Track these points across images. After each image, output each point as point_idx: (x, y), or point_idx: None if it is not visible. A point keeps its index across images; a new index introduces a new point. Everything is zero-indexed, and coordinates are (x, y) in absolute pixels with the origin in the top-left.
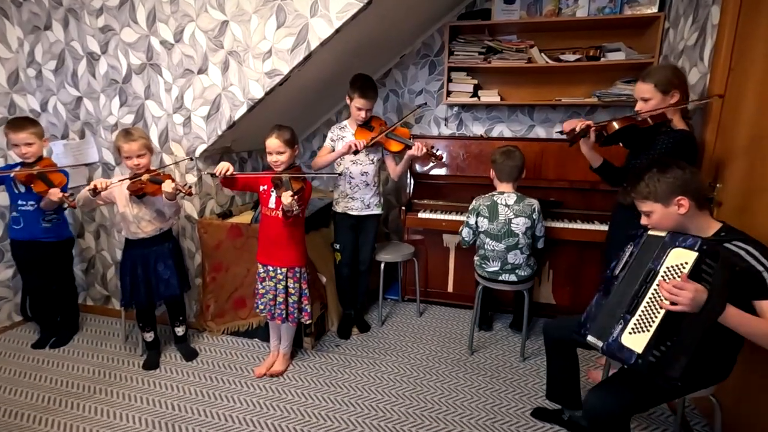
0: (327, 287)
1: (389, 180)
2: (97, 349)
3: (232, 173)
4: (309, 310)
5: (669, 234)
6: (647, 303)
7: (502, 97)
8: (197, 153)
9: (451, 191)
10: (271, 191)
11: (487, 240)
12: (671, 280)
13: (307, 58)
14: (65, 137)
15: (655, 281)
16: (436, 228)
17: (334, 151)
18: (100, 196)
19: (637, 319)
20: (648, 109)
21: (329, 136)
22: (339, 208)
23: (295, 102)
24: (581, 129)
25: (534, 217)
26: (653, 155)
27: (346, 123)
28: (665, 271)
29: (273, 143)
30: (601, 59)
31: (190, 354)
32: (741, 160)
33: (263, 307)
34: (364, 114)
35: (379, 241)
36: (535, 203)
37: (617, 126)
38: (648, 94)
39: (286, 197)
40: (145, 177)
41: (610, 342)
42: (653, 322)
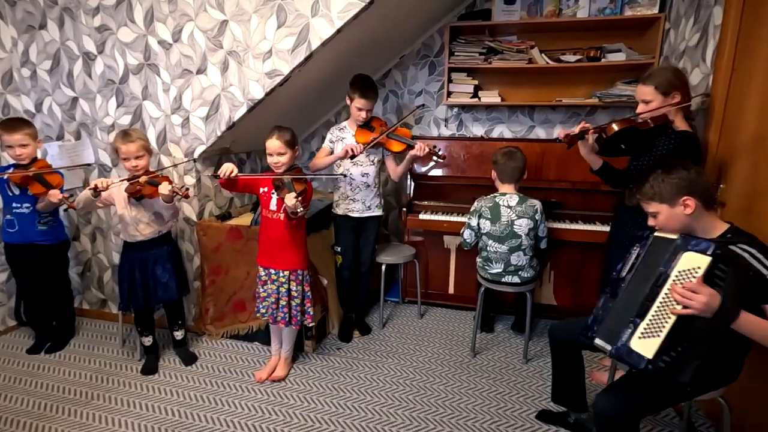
0: (328, 289)
1: (388, 181)
2: (94, 354)
3: (236, 175)
4: (312, 312)
5: (680, 237)
6: (658, 307)
7: (502, 98)
8: (196, 154)
9: (452, 192)
10: (272, 193)
11: (490, 242)
12: (685, 283)
13: (308, 58)
14: (60, 138)
15: (666, 285)
16: (437, 229)
17: (332, 153)
18: (100, 197)
19: (648, 324)
20: (648, 111)
21: (328, 137)
22: (340, 210)
23: (295, 103)
24: (579, 131)
25: (536, 218)
26: (655, 157)
27: (345, 124)
28: (677, 275)
29: (273, 144)
30: (602, 60)
31: (189, 358)
32: (745, 160)
33: (265, 311)
34: (364, 114)
35: (379, 243)
36: (538, 204)
37: (617, 128)
38: (649, 96)
39: (290, 199)
40: (143, 179)
41: (619, 346)
42: (664, 327)
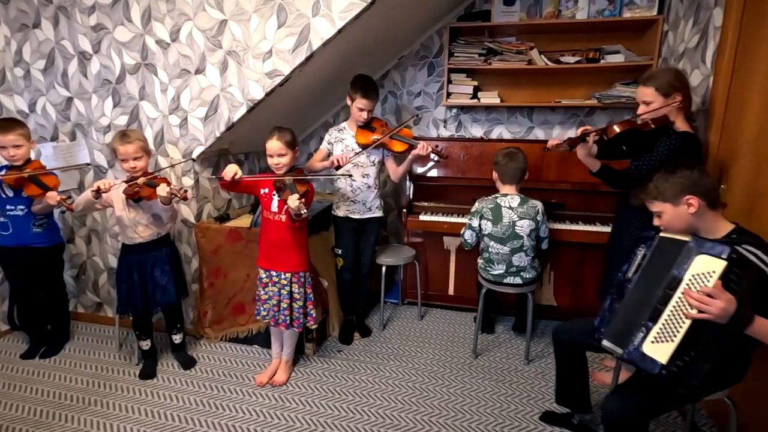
0: (328, 291)
1: (387, 182)
2: (90, 359)
3: (240, 177)
4: (314, 315)
5: (693, 239)
6: (671, 311)
7: (501, 99)
8: (194, 155)
9: (451, 193)
10: (273, 194)
11: (492, 243)
12: (701, 287)
13: (309, 58)
14: (54, 139)
15: (679, 289)
16: (437, 230)
17: (329, 155)
18: (101, 198)
19: (661, 328)
20: (649, 113)
21: (326, 138)
22: (340, 212)
23: (294, 104)
24: (580, 133)
25: (538, 219)
26: (656, 157)
27: (344, 125)
28: (690, 279)
29: (274, 145)
30: (601, 61)
31: (188, 362)
32: (746, 161)
33: (266, 313)
34: (366, 115)
35: (378, 244)
36: (539, 205)
37: (618, 129)
38: (649, 97)
39: (293, 200)
40: (141, 180)
41: (631, 350)
42: (678, 331)
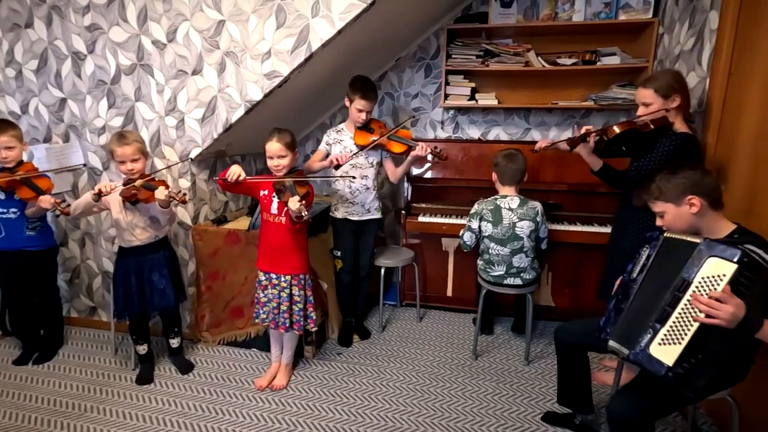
0: (327, 294)
1: (384, 184)
2: (85, 364)
3: (244, 179)
4: (314, 317)
5: (704, 241)
6: (679, 314)
7: (499, 101)
8: (191, 156)
9: (449, 194)
10: (273, 196)
11: (492, 244)
12: (710, 292)
13: (308, 59)
14: (47, 141)
15: (689, 291)
16: (436, 232)
17: (328, 156)
18: (100, 201)
19: (668, 330)
20: (648, 114)
21: (324, 139)
22: (339, 214)
23: (291, 105)
24: (582, 133)
25: (538, 220)
26: (656, 158)
27: (343, 126)
28: (700, 282)
29: (274, 147)
30: (597, 63)
31: (185, 367)
32: (744, 161)
33: (265, 316)
34: (364, 116)
35: (376, 246)
36: (538, 206)
37: (618, 130)
38: (649, 98)
39: (293, 203)
40: (139, 183)
41: (637, 351)
42: (686, 334)
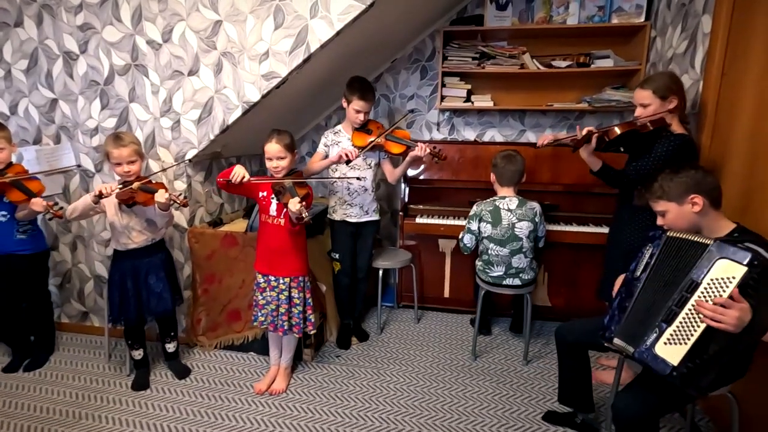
0: (326, 296)
1: (380, 185)
2: (78, 371)
3: (248, 180)
4: (313, 320)
5: (715, 243)
6: (686, 314)
7: (494, 102)
8: (187, 158)
9: (446, 195)
10: (272, 198)
11: (491, 245)
12: (715, 298)
13: (306, 60)
14: (37, 142)
15: (697, 292)
16: (434, 233)
17: (327, 158)
18: (99, 204)
19: (675, 330)
20: (647, 115)
21: (323, 141)
22: (337, 216)
23: (287, 106)
24: (585, 134)
25: (536, 221)
26: (655, 158)
27: (340, 127)
28: (709, 283)
29: (273, 148)
30: (591, 66)
31: (182, 371)
32: (738, 161)
33: (264, 319)
34: (362, 117)
35: (373, 248)
36: (537, 206)
37: (619, 131)
38: (647, 100)
39: (293, 204)
40: (136, 185)
41: (642, 350)
42: (692, 335)
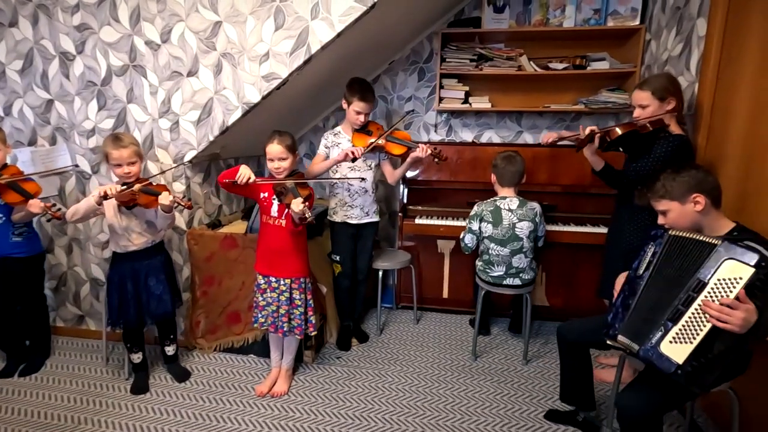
0: (326, 297)
1: (378, 186)
2: (76, 375)
3: (254, 181)
4: (314, 321)
5: (723, 243)
6: (692, 314)
7: (492, 104)
8: (186, 159)
9: (445, 196)
10: (273, 199)
11: (492, 245)
12: (721, 298)
13: (307, 61)
14: (32, 143)
15: (703, 292)
16: (433, 234)
17: (328, 159)
18: (102, 205)
19: (680, 329)
20: (646, 116)
21: (323, 142)
22: (337, 217)
23: (286, 108)
24: (587, 135)
25: (536, 221)
26: (654, 159)
27: (339, 129)
28: (715, 283)
29: (275, 149)
30: (587, 68)
31: (182, 374)
32: (734, 162)
33: (264, 320)
34: (362, 118)
35: (373, 249)
36: (537, 206)
37: (620, 132)
38: (646, 101)
39: (296, 205)
40: (137, 187)
41: (647, 348)
42: (698, 334)
